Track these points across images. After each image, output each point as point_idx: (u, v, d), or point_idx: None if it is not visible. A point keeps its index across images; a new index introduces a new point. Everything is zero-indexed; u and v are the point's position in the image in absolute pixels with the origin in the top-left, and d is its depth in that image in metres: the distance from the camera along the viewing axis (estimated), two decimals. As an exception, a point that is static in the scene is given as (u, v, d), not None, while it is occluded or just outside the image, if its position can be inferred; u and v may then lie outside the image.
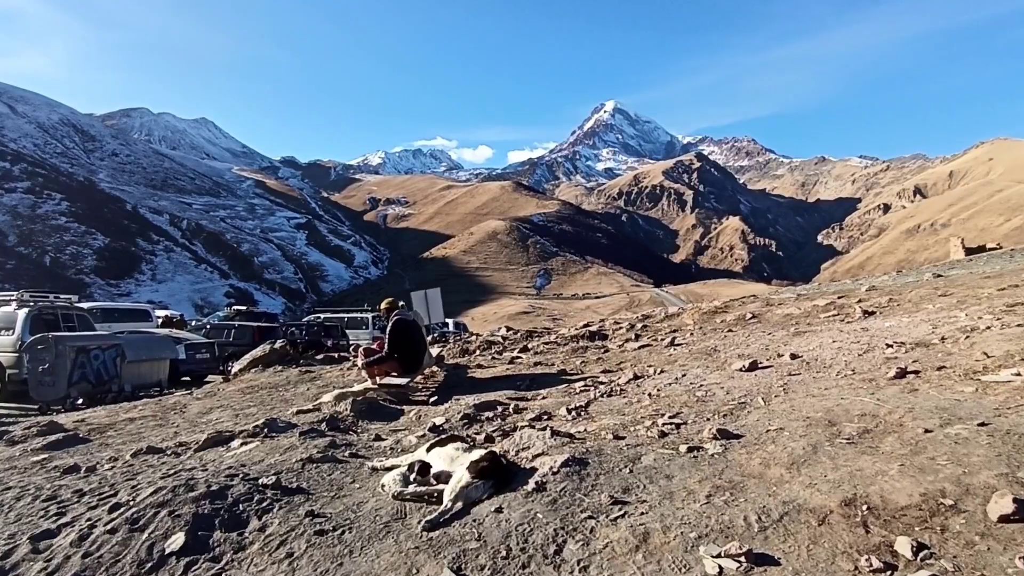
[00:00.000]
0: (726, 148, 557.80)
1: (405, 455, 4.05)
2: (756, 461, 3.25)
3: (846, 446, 3.28)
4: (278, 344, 10.64)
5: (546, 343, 9.42)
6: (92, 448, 5.33)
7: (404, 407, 5.81)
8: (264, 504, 3.28)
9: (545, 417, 4.86)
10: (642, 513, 2.83)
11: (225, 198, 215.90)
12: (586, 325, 10.59)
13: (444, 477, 3.41)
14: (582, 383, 6.09)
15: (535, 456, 3.65)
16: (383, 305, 7.03)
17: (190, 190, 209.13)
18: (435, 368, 7.86)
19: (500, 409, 5.29)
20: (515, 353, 8.97)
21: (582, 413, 4.88)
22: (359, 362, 6.95)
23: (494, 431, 4.60)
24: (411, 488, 3.33)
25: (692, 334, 8.40)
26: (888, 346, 5.65)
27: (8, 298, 12.36)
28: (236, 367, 10.31)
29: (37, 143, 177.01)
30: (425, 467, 3.46)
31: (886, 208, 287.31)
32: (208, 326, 18.90)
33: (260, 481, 3.54)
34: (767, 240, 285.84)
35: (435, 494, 3.28)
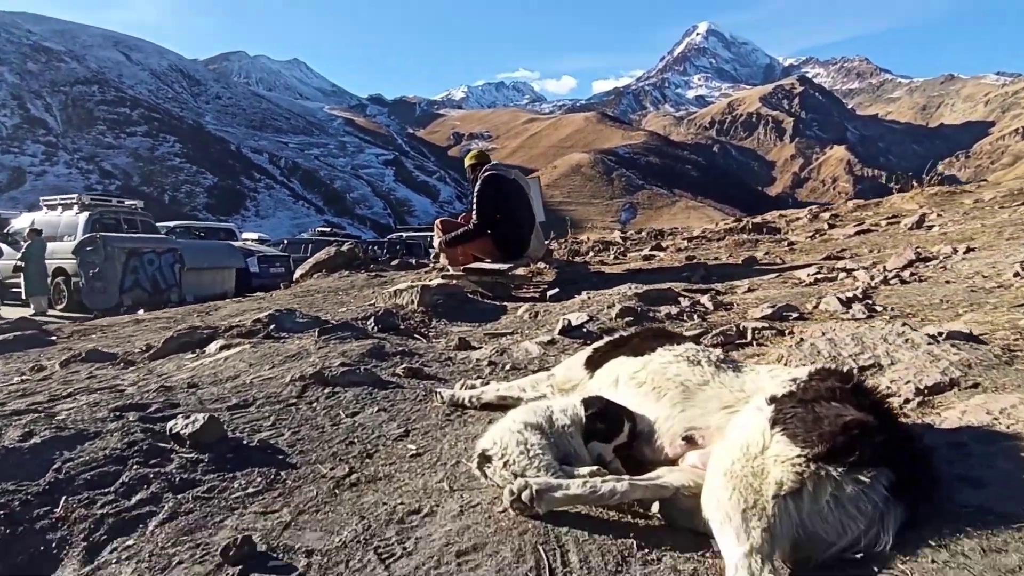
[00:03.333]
0: (833, 70, 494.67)
1: (523, 379, 1.76)
2: None
3: None
4: (345, 247, 8.76)
5: (689, 239, 6.82)
6: (43, 353, 3.54)
7: (506, 304, 3.54)
8: (140, 497, 1.11)
9: (791, 314, 2.39)
10: None
11: (318, 136, 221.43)
12: (738, 220, 7.84)
13: (657, 447, 1.10)
14: (806, 272, 3.52)
15: (929, 393, 1.22)
16: (468, 161, 4.65)
17: (286, 130, 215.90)
18: (542, 265, 5.52)
19: (685, 303, 2.87)
20: (646, 251, 6.49)
21: (875, 308, 2.36)
22: (435, 240, 4.71)
23: (698, 336, 2.21)
24: (577, 487, 1.01)
25: (939, 215, 5.46)
26: None
27: (69, 202, 11.32)
28: (298, 272, 8.59)
29: (151, 88, 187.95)
30: (612, 415, 1.13)
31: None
32: (286, 242, 17.78)
33: (170, 427, 1.38)
34: (876, 171, 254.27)
35: (652, 499, 0.98)
